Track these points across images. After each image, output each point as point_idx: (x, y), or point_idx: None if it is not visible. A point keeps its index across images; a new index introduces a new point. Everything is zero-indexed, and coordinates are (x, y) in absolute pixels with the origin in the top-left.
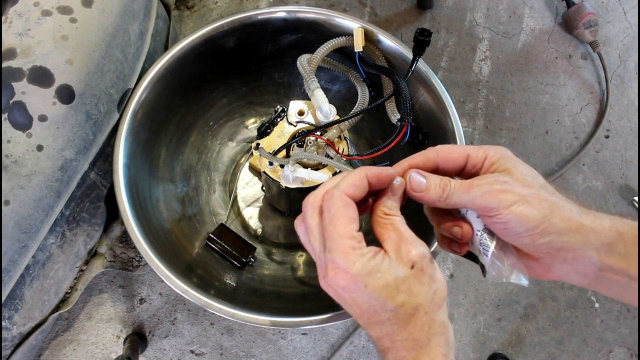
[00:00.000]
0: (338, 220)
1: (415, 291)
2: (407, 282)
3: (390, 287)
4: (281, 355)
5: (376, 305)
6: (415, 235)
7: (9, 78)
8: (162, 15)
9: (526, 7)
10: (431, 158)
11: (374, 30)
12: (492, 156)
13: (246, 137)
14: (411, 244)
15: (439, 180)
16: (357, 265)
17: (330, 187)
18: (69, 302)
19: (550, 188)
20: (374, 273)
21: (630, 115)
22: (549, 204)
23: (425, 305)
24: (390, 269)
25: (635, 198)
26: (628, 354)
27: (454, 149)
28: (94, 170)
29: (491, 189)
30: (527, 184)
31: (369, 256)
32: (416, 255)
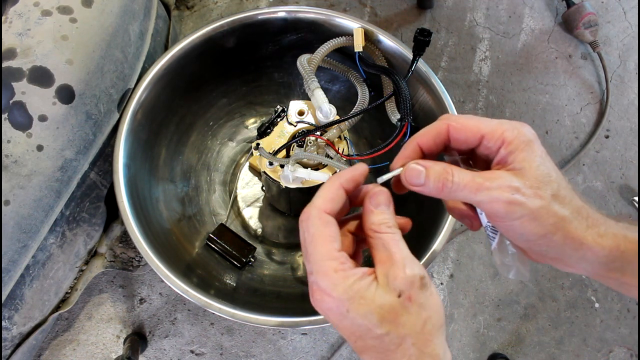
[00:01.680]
0: (319, 240)
1: (402, 321)
2: (393, 311)
3: (373, 315)
4: (281, 355)
5: (358, 333)
6: (408, 255)
7: (9, 78)
8: (162, 15)
9: (526, 7)
10: (442, 133)
11: (374, 30)
12: (510, 144)
13: (246, 137)
14: (399, 269)
15: (440, 171)
16: (339, 288)
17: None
18: (69, 302)
19: (565, 192)
20: (357, 299)
21: (630, 115)
22: (555, 220)
23: (412, 336)
24: (375, 296)
25: (635, 198)
26: (628, 354)
27: (467, 126)
28: (94, 170)
29: (500, 197)
30: (539, 194)
31: (353, 279)
32: (404, 282)
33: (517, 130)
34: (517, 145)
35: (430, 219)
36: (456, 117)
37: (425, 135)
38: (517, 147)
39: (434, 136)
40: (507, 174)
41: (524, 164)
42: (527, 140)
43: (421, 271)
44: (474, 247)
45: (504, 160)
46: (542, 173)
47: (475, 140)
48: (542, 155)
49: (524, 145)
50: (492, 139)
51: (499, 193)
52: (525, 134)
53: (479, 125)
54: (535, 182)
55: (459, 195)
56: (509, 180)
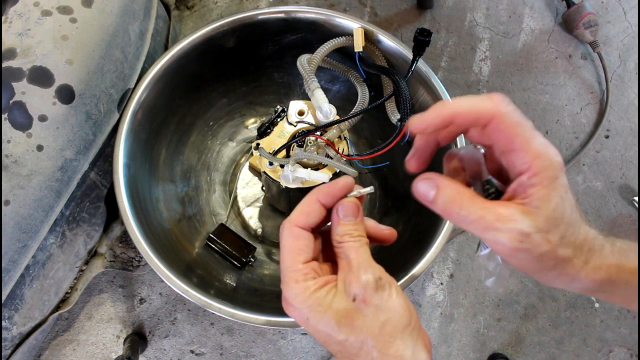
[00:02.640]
0: (286, 253)
1: (359, 324)
2: (348, 315)
3: (332, 320)
4: (281, 355)
5: (323, 338)
6: (365, 260)
7: (9, 78)
8: (162, 15)
9: (526, 7)
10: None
11: (374, 30)
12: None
13: (246, 137)
14: (354, 274)
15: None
16: (298, 298)
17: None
18: (69, 302)
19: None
20: (315, 307)
21: (630, 115)
22: (555, 262)
23: (372, 339)
24: (332, 303)
25: (635, 198)
26: (628, 354)
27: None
28: (94, 170)
29: (507, 243)
30: (548, 238)
31: (312, 289)
32: (357, 286)
33: (548, 160)
34: (542, 179)
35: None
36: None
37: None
38: (542, 182)
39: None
40: (521, 212)
41: (542, 203)
42: (554, 175)
43: (377, 273)
44: (474, 247)
45: (522, 190)
46: (557, 215)
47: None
48: (562, 195)
49: (549, 181)
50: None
51: (506, 238)
52: (554, 167)
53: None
54: (546, 225)
55: (464, 227)
56: (520, 224)
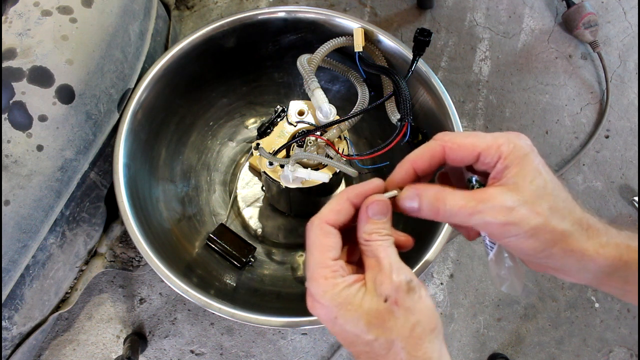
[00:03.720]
0: (315, 249)
1: (390, 326)
2: (379, 316)
3: (361, 320)
4: (281, 355)
5: (350, 338)
6: (396, 261)
7: (9, 78)
8: (162, 15)
9: (526, 7)
10: (437, 154)
11: (374, 30)
12: (506, 158)
13: (246, 137)
14: (386, 275)
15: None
16: (327, 296)
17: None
18: (69, 302)
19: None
20: (345, 305)
21: (630, 115)
22: (553, 236)
23: (401, 340)
24: (363, 302)
25: (635, 198)
26: (628, 354)
27: (463, 145)
28: (94, 170)
29: (494, 220)
30: (536, 209)
31: (342, 286)
32: (389, 287)
33: (512, 143)
34: (512, 159)
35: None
36: (451, 137)
37: (419, 157)
38: (512, 162)
39: (429, 158)
40: (501, 191)
41: (518, 179)
42: (523, 154)
43: (408, 276)
44: (474, 247)
45: (499, 175)
46: (537, 186)
47: (472, 158)
48: (537, 168)
49: (519, 160)
50: (488, 155)
51: (492, 216)
52: (521, 147)
53: (474, 143)
54: (530, 197)
55: (454, 220)
56: (502, 200)
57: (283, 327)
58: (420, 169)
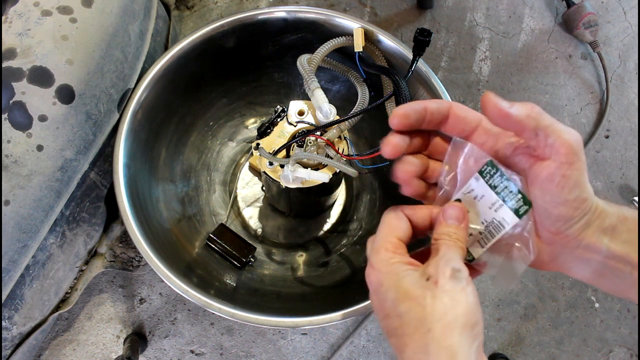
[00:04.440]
0: (385, 227)
1: (424, 303)
2: (418, 291)
3: (401, 290)
4: (281, 355)
5: (388, 308)
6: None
7: (9, 78)
8: (162, 15)
9: (526, 7)
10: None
11: (374, 30)
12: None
13: (246, 137)
14: (437, 260)
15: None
16: (381, 263)
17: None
18: (69, 302)
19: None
20: (393, 275)
21: (630, 115)
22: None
23: (430, 321)
24: (407, 275)
25: (635, 198)
26: (628, 354)
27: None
28: (94, 170)
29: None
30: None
31: (396, 260)
32: (434, 269)
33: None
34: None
35: None
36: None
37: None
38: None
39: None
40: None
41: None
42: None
43: (458, 266)
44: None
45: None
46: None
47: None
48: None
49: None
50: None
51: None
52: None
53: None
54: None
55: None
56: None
57: (283, 327)
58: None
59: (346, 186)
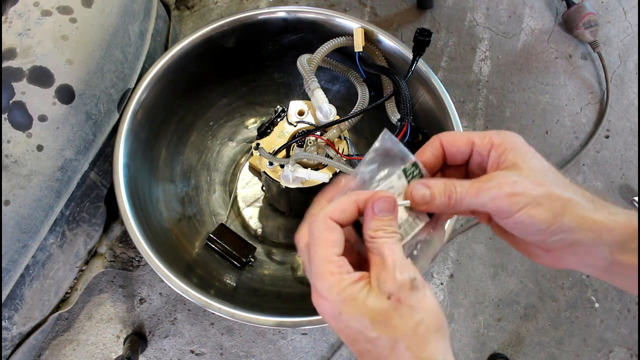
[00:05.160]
0: (319, 244)
1: (393, 324)
2: (383, 314)
3: (364, 318)
4: (281, 355)
5: (354, 335)
6: (400, 258)
7: (9, 78)
8: (162, 15)
9: (526, 7)
10: (437, 148)
11: (374, 30)
12: (499, 146)
13: (246, 137)
14: (390, 272)
15: (443, 186)
16: (333, 291)
17: (316, 210)
18: (69, 302)
19: (563, 181)
20: (350, 301)
21: (630, 115)
22: (561, 203)
23: (405, 340)
24: (367, 299)
25: (635, 198)
26: (628, 354)
27: (457, 137)
28: (94, 170)
29: (500, 192)
30: (538, 182)
31: (347, 282)
32: (393, 285)
33: (502, 135)
34: (505, 146)
35: None
36: (447, 133)
37: (424, 153)
38: (506, 148)
39: (431, 154)
40: (503, 172)
41: (516, 160)
42: (514, 141)
43: (412, 274)
44: (474, 247)
45: (496, 162)
46: (536, 166)
47: (468, 149)
48: (532, 152)
49: (512, 145)
50: (481, 145)
51: (498, 190)
52: (510, 136)
53: (467, 135)
54: (531, 173)
55: (464, 204)
56: (505, 176)
57: (283, 327)
58: (429, 164)
59: None
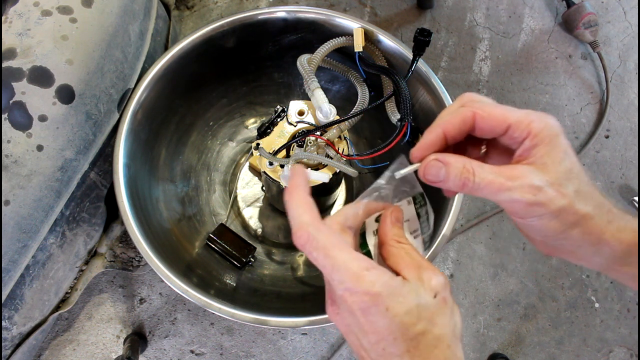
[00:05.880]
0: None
1: (439, 321)
2: (430, 310)
3: (412, 313)
4: (281, 355)
5: (396, 332)
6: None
7: (9, 78)
8: (162, 15)
9: (526, 7)
10: (468, 121)
11: (374, 30)
12: (535, 136)
13: (246, 137)
14: (432, 272)
15: (461, 169)
16: (377, 285)
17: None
18: (69, 302)
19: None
20: (396, 296)
21: (630, 115)
22: (576, 218)
23: (447, 338)
24: (412, 294)
25: (635, 198)
26: (628, 354)
27: (494, 115)
28: (94, 170)
29: (522, 199)
30: (562, 191)
31: (389, 276)
32: (438, 284)
33: (544, 122)
34: (543, 138)
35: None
36: (481, 105)
37: (450, 122)
38: (543, 140)
39: (459, 124)
40: (529, 169)
41: (547, 159)
42: (554, 133)
43: (447, 279)
44: (474, 247)
45: (527, 153)
46: (565, 169)
47: (502, 130)
48: (566, 150)
49: (550, 139)
50: (518, 129)
51: (520, 194)
52: (552, 126)
53: (505, 114)
54: (558, 179)
55: (480, 194)
56: (530, 179)
57: (283, 327)
58: (451, 135)
59: (346, 186)
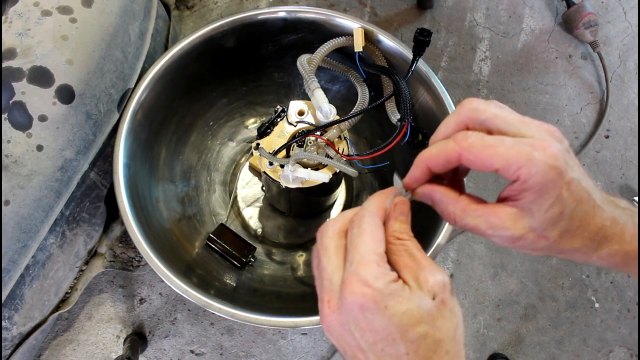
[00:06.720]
0: (368, 236)
1: (438, 325)
2: (429, 313)
3: (412, 314)
4: (281, 355)
5: (395, 333)
6: (432, 261)
7: (9, 78)
8: (162, 15)
9: (526, 7)
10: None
11: (374, 30)
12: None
13: (246, 137)
14: (430, 272)
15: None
16: (380, 281)
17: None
18: (69, 302)
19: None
20: (395, 296)
21: (630, 115)
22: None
23: (447, 343)
24: (411, 297)
25: (635, 198)
26: (628, 354)
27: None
28: (94, 170)
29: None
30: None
31: (392, 277)
32: (436, 284)
33: (535, 166)
34: (532, 185)
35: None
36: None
37: (434, 158)
38: (532, 188)
39: (444, 161)
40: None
41: (534, 206)
42: (545, 180)
43: (447, 277)
44: (474, 247)
45: (514, 194)
46: (553, 215)
47: (490, 171)
48: (558, 194)
49: (540, 187)
50: (506, 173)
51: (500, 240)
52: (544, 171)
53: (492, 158)
54: (541, 224)
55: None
56: (510, 230)
57: (283, 327)
58: (435, 169)
59: (346, 186)
